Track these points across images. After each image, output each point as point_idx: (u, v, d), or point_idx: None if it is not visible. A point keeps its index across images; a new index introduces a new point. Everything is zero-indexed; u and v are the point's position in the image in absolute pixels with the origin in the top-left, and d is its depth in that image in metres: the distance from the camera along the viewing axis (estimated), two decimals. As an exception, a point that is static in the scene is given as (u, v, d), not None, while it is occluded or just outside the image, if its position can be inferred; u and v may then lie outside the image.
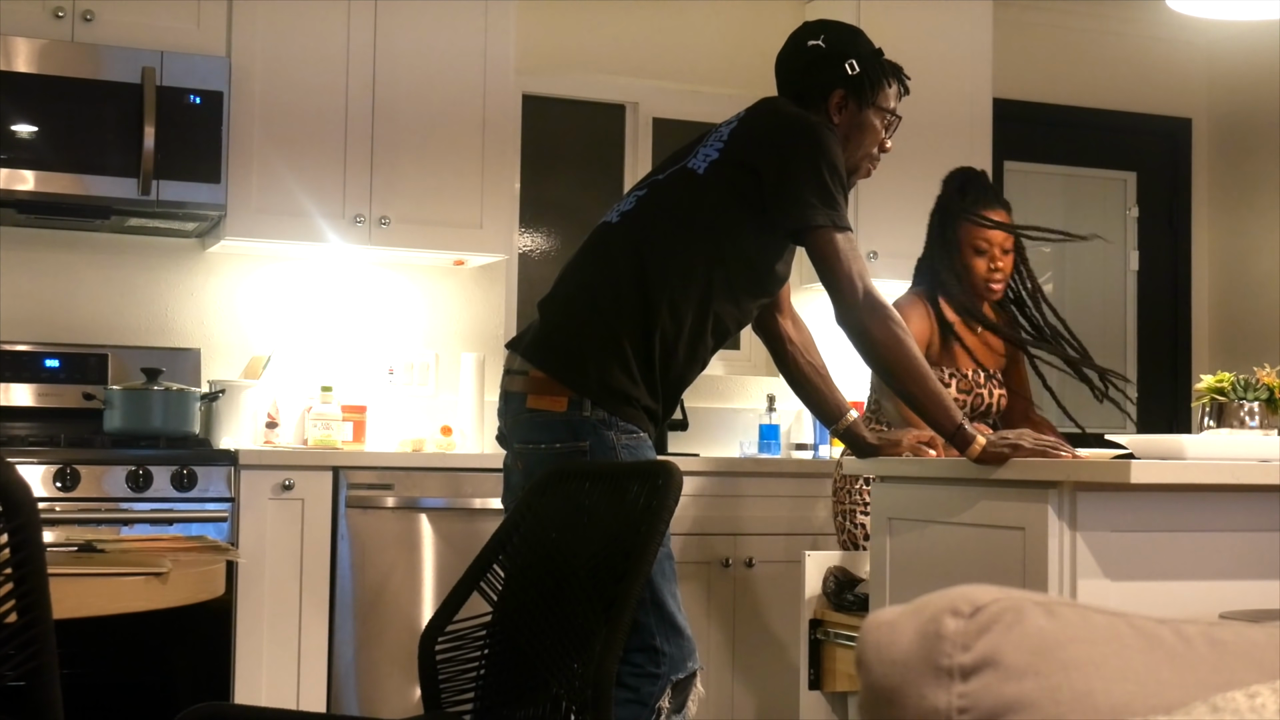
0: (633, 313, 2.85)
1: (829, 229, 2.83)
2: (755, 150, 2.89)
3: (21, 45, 4.14)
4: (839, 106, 3.01)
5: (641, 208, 2.94)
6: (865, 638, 0.98)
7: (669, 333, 2.86)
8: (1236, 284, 5.95)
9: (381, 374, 4.82)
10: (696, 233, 2.88)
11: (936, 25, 5.11)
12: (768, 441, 5.06)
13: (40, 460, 3.91)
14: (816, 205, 2.83)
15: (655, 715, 2.77)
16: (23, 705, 1.68)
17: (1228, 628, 1.01)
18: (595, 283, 2.91)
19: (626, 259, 2.88)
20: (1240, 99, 5.93)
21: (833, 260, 2.83)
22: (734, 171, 2.89)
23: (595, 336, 2.85)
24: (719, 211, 2.88)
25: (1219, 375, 3.01)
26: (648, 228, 2.91)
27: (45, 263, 4.54)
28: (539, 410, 2.86)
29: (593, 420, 2.82)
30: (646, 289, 2.85)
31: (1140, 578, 2.68)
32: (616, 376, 2.83)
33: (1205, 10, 4.21)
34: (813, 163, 2.84)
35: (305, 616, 4.09)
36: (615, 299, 2.86)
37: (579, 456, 2.80)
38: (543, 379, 2.87)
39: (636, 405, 2.86)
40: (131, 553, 2.19)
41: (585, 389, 2.82)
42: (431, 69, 4.57)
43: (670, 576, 2.84)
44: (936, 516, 3.02)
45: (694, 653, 2.84)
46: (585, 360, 2.84)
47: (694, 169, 2.92)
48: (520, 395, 2.89)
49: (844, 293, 2.83)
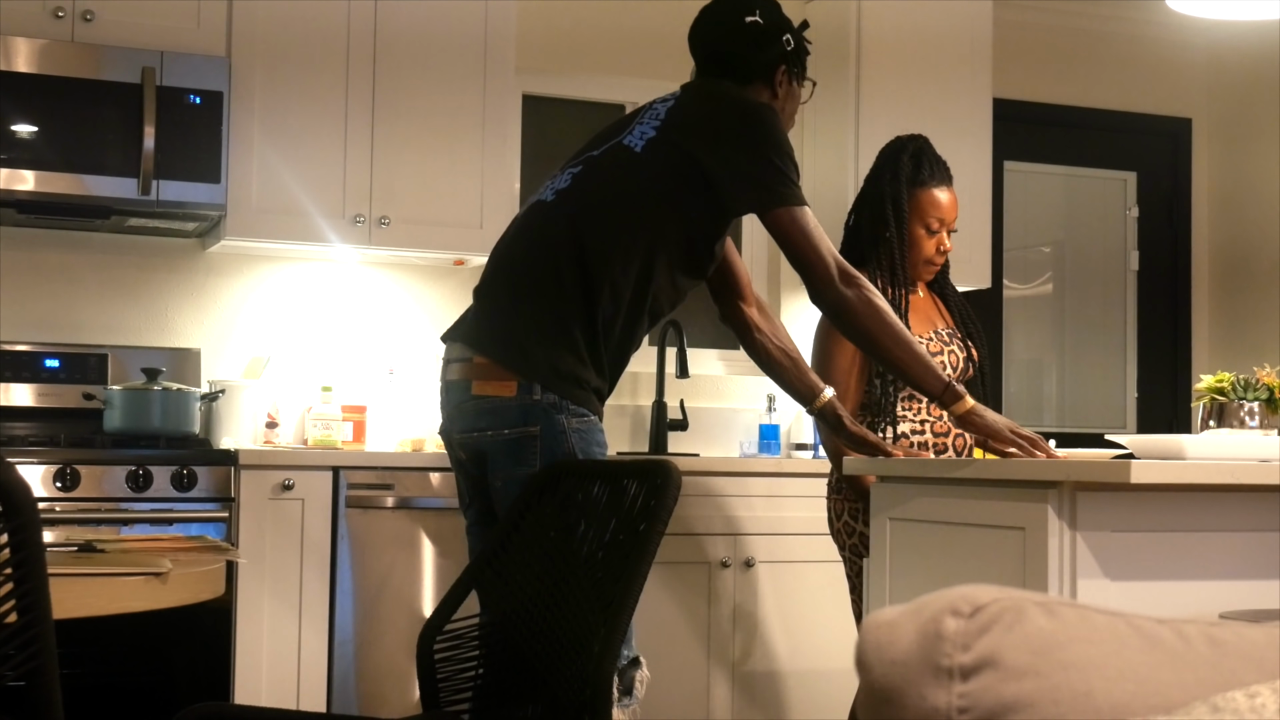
0: (575, 294, 2.81)
1: (791, 208, 2.82)
2: (696, 135, 2.87)
3: (21, 45, 4.14)
4: (780, 81, 3.01)
5: (578, 185, 2.90)
6: (865, 638, 0.98)
7: (608, 313, 2.83)
8: (1237, 284, 5.95)
9: (381, 374, 4.82)
10: (635, 212, 2.85)
11: (936, 25, 5.11)
12: (768, 441, 5.06)
13: (40, 460, 3.91)
14: (775, 186, 2.83)
15: None
16: (23, 705, 1.68)
17: (1228, 628, 1.01)
18: (534, 265, 2.86)
19: (565, 239, 2.84)
20: (1240, 99, 5.93)
21: (800, 239, 2.83)
22: (671, 152, 2.86)
23: (539, 320, 2.81)
24: (657, 191, 2.86)
25: (1219, 375, 3.02)
26: (586, 207, 2.87)
27: (45, 263, 4.54)
28: (485, 396, 2.82)
29: (543, 404, 2.78)
30: (587, 269, 2.81)
31: (1140, 578, 2.68)
32: (565, 359, 2.79)
33: (1205, 10, 4.21)
34: (765, 145, 2.84)
35: (305, 617, 4.09)
36: (557, 281, 2.82)
37: (530, 442, 2.77)
38: (487, 365, 2.82)
39: (586, 387, 2.82)
40: (131, 553, 2.19)
41: (534, 374, 2.78)
42: (432, 68, 4.57)
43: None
44: (936, 516, 3.02)
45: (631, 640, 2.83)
46: (531, 344, 2.80)
47: (630, 146, 2.89)
48: (463, 383, 2.85)
49: (816, 269, 2.83)
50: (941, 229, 3.57)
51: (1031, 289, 5.97)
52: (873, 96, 4.99)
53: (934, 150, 3.65)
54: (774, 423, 5.08)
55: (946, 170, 3.64)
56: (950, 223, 3.59)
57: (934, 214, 3.56)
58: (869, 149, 5.01)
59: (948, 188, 3.60)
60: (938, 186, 3.58)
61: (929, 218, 3.55)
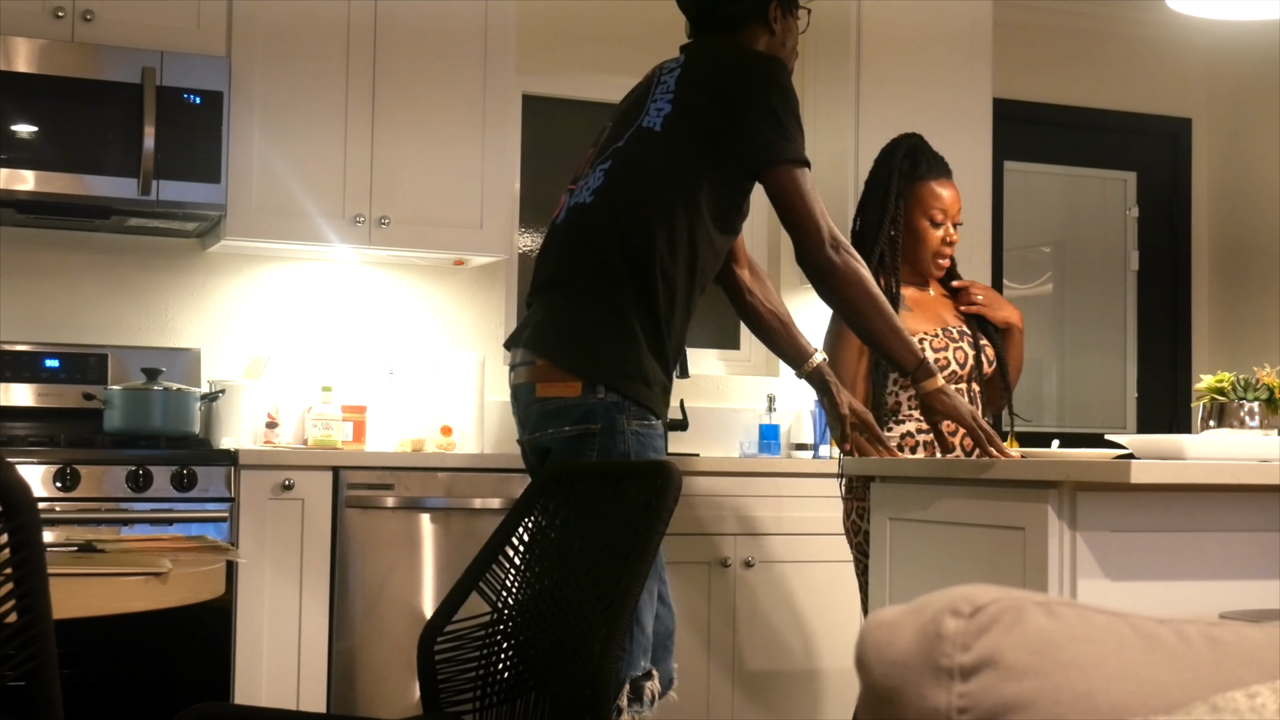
0: (630, 288, 2.82)
1: (788, 166, 2.82)
2: (705, 94, 2.88)
3: (21, 45, 4.14)
4: (775, 18, 3.02)
5: (611, 181, 2.91)
6: (865, 638, 0.98)
7: (665, 300, 2.85)
8: (1237, 284, 5.95)
9: (381, 374, 4.82)
10: (670, 193, 2.86)
11: (936, 25, 5.11)
12: (768, 441, 5.06)
13: (40, 460, 3.91)
14: (772, 140, 2.83)
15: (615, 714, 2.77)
16: (23, 705, 1.68)
17: (1228, 628, 1.01)
18: (585, 267, 2.87)
19: (610, 237, 2.85)
20: (1240, 99, 5.93)
21: (794, 198, 2.83)
22: (690, 122, 2.87)
23: (600, 319, 2.83)
24: (685, 165, 2.87)
25: (1219, 375, 3.02)
26: (624, 201, 2.88)
27: (45, 263, 4.54)
28: (550, 398, 2.83)
29: (606, 403, 2.80)
30: (637, 262, 2.83)
31: (1140, 578, 2.68)
32: (629, 356, 2.80)
33: (1205, 10, 4.21)
34: (765, 97, 2.84)
35: (305, 616, 4.09)
36: (610, 278, 2.83)
37: (589, 439, 2.79)
38: (551, 367, 2.84)
39: (652, 384, 2.83)
40: (131, 553, 2.19)
41: (598, 374, 2.80)
42: (432, 68, 4.57)
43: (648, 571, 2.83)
44: (936, 516, 3.02)
45: (649, 651, 2.83)
46: (594, 344, 2.82)
47: (650, 127, 2.90)
48: (529, 386, 2.87)
49: (807, 231, 2.84)
50: (945, 221, 3.59)
51: (1031, 289, 5.97)
52: (872, 96, 4.99)
53: (930, 146, 3.67)
54: (774, 423, 5.08)
55: (945, 165, 3.66)
56: (954, 215, 3.61)
57: (936, 206, 3.58)
58: (869, 149, 5.00)
59: (947, 181, 3.62)
60: (936, 180, 3.60)
61: (931, 210, 3.58)
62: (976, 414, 2.91)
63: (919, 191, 3.58)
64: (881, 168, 3.64)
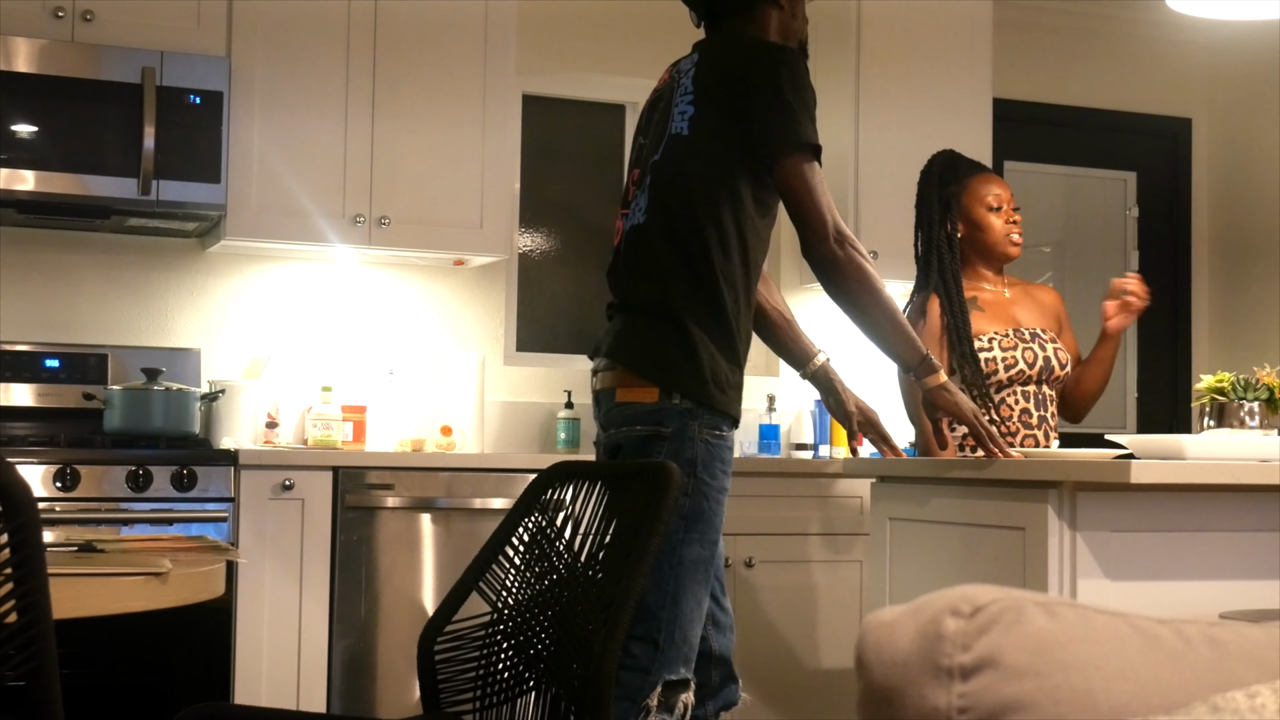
0: (695, 300, 2.86)
1: (795, 158, 2.83)
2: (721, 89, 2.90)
3: (21, 45, 4.14)
4: None
5: (656, 196, 2.94)
6: (865, 638, 0.98)
7: (730, 300, 2.89)
8: (1237, 284, 5.95)
9: (381, 374, 4.82)
10: (713, 195, 2.89)
11: (936, 25, 5.11)
12: (768, 441, 5.06)
13: (40, 460, 3.91)
14: (778, 132, 2.84)
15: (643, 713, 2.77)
16: (23, 705, 1.68)
17: (1228, 628, 1.01)
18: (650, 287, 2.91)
19: (668, 251, 2.89)
20: (1240, 99, 5.93)
21: (801, 193, 2.84)
22: (712, 119, 2.89)
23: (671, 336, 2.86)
24: (718, 164, 2.88)
25: (1219, 375, 3.02)
26: (671, 213, 2.91)
27: (45, 263, 4.54)
28: (629, 402, 2.88)
29: (680, 409, 2.83)
30: (698, 272, 2.87)
31: (1140, 578, 2.68)
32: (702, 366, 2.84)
33: (1205, 10, 4.21)
34: (773, 86, 2.85)
35: (305, 616, 4.09)
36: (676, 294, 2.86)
37: (659, 441, 2.82)
38: (629, 374, 2.89)
39: (726, 388, 2.86)
40: (131, 553, 2.18)
41: (675, 383, 2.84)
42: (432, 68, 4.56)
43: (701, 580, 2.84)
44: (936, 516, 3.03)
45: (691, 661, 2.84)
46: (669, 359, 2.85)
47: (679, 133, 2.92)
48: (609, 391, 2.92)
49: (813, 225, 2.84)
50: (1004, 205, 3.63)
51: (1031, 289, 5.97)
52: (872, 96, 4.99)
53: (963, 155, 3.75)
54: (774, 423, 5.08)
55: (985, 165, 3.73)
56: (1007, 201, 3.63)
57: (989, 193, 3.66)
58: (869, 149, 5.02)
59: (993, 175, 3.72)
60: (982, 175, 3.67)
61: (986, 198, 3.65)
62: (979, 412, 2.91)
63: (969, 187, 3.66)
64: (924, 185, 3.71)
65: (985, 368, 3.53)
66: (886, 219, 4.99)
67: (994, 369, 3.54)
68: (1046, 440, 3.58)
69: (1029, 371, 3.57)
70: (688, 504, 2.79)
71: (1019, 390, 3.56)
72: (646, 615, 2.76)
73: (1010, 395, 3.56)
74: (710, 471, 2.84)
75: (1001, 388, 3.56)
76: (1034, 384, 3.58)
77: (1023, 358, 3.56)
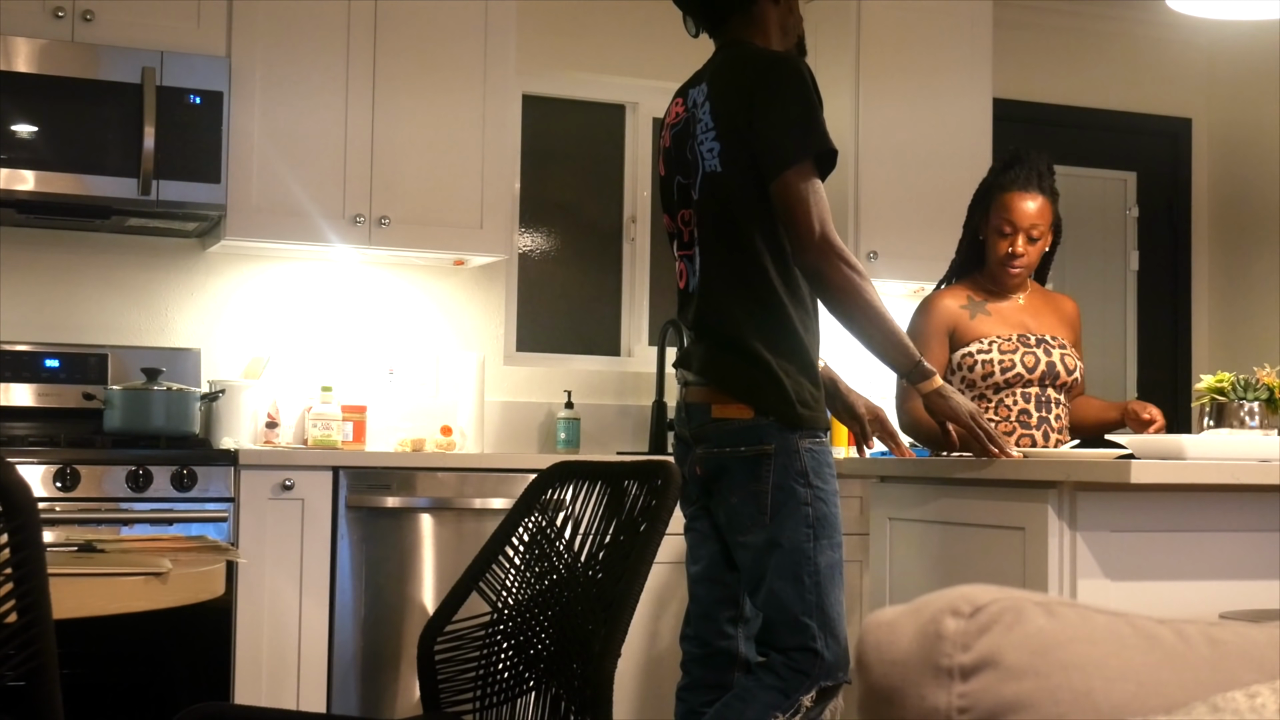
0: (768, 330, 2.90)
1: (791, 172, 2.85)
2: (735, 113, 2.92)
3: (21, 45, 4.13)
4: None
5: (709, 239, 2.97)
6: (865, 638, 0.98)
7: (799, 320, 2.93)
8: (1236, 283, 5.95)
9: (381, 374, 4.82)
10: (761, 223, 2.91)
11: (936, 25, 5.11)
12: (768, 441, 5.05)
13: (40, 460, 3.91)
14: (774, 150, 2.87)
15: (795, 710, 2.81)
16: (23, 705, 1.68)
17: (1228, 628, 1.01)
18: (726, 326, 2.94)
19: (738, 290, 2.93)
20: (1240, 99, 5.93)
21: (791, 203, 2.86)
22: (737, 147, 2.92)
23: (754, 365, 2.90)
24: (759, 189, 2.91)
25: (1219, 375, 3.02)
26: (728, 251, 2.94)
27: (45, 263, 4.54)
28: (726, 419, 2.92)
29: (778, 423, 2.88)
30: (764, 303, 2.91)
31: (1140, 578, 2.68)
32: (788, 382, 2.88)
33: (1205, 10, 4.21)
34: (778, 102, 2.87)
35: (305, 616, 4.09)
36: (749, 329, 2.90)
37: (765, 460, 2.87)
38: (722, 393, 2.94)
39: (811, 404, 2.92)
40: (131, 553, 2.19)
41: (766, 405, 2.89)
42: (432, 68, 4.56)
43: (839, 582, 2.89)
44: (936, 516, 3.03)
45: (848, 664, 2.87)
46: (759, 379, 2.89)
47: (713, 170, 2.94)
48: (704, 406, 2.96)
49: (801, 234, 2.86)
50: (1014, 234, 3.62)
51: (1031, 289, 5.96)
52: (872, 96, 4.99)
53: (1032, 157, 3.73)
54: (774, 423, 5.08)
55: (1039, 179, 3.70)
56: (1024, 228, 3.63)
57: (1004, 216, 3.66)
58: (868, 149, 5.02)
59: (1027, 193, 3.65)
60: (1015, 191, 3.64)
61: (998, 220, 3.66)
62: (977, 414, 2.92)
63: (996, 200, 3.68)
64: (982, 182, 3.76)
65: (982, 369, 3.56)
66: (886, 218, 5.00)
67: (990, 371, 3.56)
68: (1046, 441, 3.58)
69: (1028, 375, 3.58)
70: (810, 513, 2.86)
71: (1018, 392, 3.57)
72: (798, 627, 2.83)
73: (1009, 396, 3.57)
74: (821, 477, 2.90)
75: (999, 389, 3.57)
76: (1036, 386, 3.59)
77: (1021, 362, 3.58)
